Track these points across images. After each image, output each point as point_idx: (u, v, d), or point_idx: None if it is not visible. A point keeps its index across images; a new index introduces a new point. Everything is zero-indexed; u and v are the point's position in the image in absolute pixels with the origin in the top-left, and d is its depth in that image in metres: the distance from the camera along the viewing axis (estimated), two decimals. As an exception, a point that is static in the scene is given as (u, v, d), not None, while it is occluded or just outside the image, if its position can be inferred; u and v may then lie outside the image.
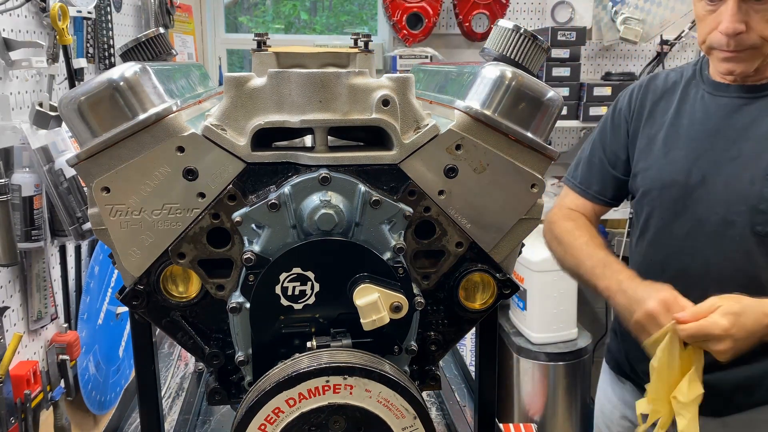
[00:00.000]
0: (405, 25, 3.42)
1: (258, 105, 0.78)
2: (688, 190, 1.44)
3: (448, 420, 1.20)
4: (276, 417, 0.72)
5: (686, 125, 1.46)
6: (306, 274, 0.78)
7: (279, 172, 0.79)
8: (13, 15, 1.69)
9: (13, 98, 1.70)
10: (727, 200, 1.39)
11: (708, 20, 1.36)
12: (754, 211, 1.36)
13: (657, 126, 1.51)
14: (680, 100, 1.50)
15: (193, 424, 1.18)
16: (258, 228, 0.78)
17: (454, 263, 0.84)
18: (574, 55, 3.29)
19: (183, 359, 1.46)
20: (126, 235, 0.79)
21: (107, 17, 2.25)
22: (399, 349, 0.82)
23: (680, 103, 1.50)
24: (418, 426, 0.74)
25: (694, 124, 1.45)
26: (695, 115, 1.46)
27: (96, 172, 0.77)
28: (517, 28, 0.90)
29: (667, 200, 1.48)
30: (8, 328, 1.66)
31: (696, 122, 1.45)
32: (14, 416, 1.57)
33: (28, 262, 1.77)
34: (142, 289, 0.82)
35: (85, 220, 1.79)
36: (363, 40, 0.89)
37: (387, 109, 0.77)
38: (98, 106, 0.76)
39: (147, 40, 0.99)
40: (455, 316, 0.88)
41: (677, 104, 1.50)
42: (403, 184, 0.80)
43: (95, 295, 2.09)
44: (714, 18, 1.34)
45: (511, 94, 0.80)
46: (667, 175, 1.47)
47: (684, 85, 1.52)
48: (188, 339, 0.85)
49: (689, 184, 1.43)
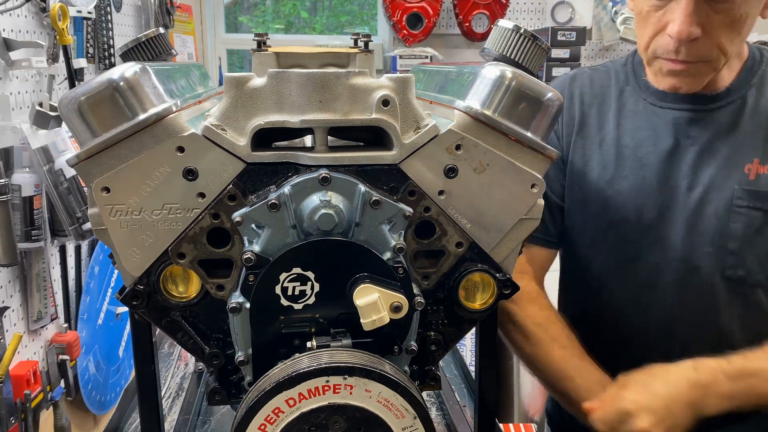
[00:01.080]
0: (405, 25, 3.43)
1: (258, 105, 0.78)
2: (641, 230, 1.17)
3: (448, 420, 1.20)
4: (276, 417, 0.72)
5: (632, 146, 1.19)
6: (306, 274, 0.78)
7: (279, 172, 0.79)
8: (13, 15, 1.70)
9: (13, 98, 1.70)
10: (690, 241, 1.14)
11: (652, 19, 1.07)
12: (722, 251, 1.12)
13: (591, 142, 1.22)
14: (617, 111, 1.22)
15: (193, 424, 1.18)
16: (258, 228, 0.78)
17: (454, 263, 0.84)
18: (574, 55, 3.29)
19: (183, 359, 1.46)
20: (126, 235, 0.79)
21: (107, 17, 2.26)
22: (399, 349, 0.82)
23: (618, 116, 1.21)
24: (418, 426, 0.74)
25: (642, 145, 1.18)
26: (640, 132, 1.18)
27: (96, 172, 0.77)
28: (517, 28, 0.90)
29: (614, 243, 1.20)
30: (8, 328, 1.66)
31: (643, 142, 1.18)
32: (14, 416, 1.57)
33: (28, 262, 1.77)
34: (142, 289, 0.82)
35: (85, 220, 1.79)
36: (363, 40, 0.89)
37: (387, 109, 0.77)
38: (98, 106, 0.76)
39: (147, 40, 0.99)
40: (455, 316, 0.88)
41: (615, 116, 1.21)
42: (403, 184, 0.80)
43: (95, 295, 2.09)
44: (661, 17, 1.06)
45: (511, 94, 0.80)
46: (614, 212, 1.19)
47: (617, 92, 1.24)
48: (188, 339, 0.85)
49: (643, 223, 1.17)
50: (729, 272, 1.13)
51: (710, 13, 1.02)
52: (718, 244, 1.12)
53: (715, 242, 1.12)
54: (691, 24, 1.01)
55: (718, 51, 1.05)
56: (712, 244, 1.13)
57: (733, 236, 1.11)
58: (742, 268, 1.12)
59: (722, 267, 1.13)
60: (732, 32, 1.04)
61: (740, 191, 1.11)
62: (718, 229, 1.12)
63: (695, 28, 1.02)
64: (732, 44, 1.06)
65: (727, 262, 1.13)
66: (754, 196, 1.11)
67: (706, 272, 1.14)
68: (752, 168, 1.12)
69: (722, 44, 1.05)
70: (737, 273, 1.12)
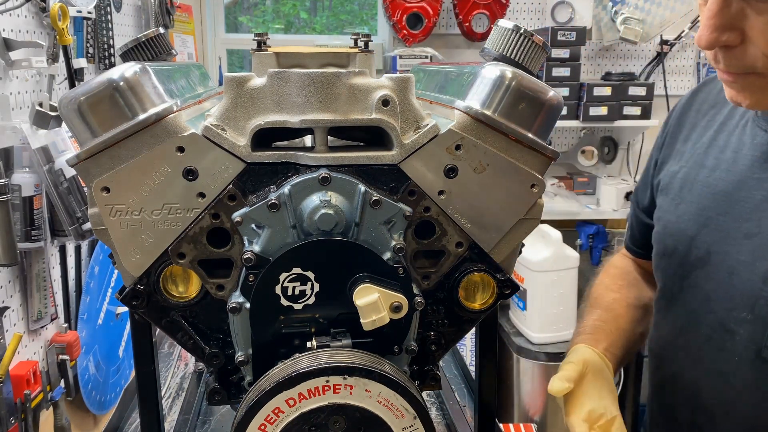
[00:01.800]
0: (405, 25, 3.43)
1: (258, 105, 0.78)
2: (686, 266, 1.01)
3: (448, 420, 1.20)
4: (276, 417, 0.72)
5: (710, 167, 1.01)
6: (306, 274, 0.78)
7: (279, 172, 0.79)
8: (13, 15, 1.69)
9: (13, 98, 1.70)
10: (729, 296, 0.95)
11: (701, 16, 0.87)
12: (762, 323, 0.90)
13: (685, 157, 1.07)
14: (723, 123, 1.03)
15: (193, 424, 1.18)
16: (258, 228, 0.78)
17: (454, 263, 0.84)
18: (574, 55, 3.29)
19: (183, 359, 1.46)
20: (126, 235, 0.79)
21: (107, 17, 2.25)
22: (399, 349, 0.82)
23: (720, 128, 1.03)
24: (418, 426, 0.74)
25: (719, 168, 0.99)
26: (726, 152, 1.00)
27: (96, 172, 0.77)
28: (517, 28, 0.90)
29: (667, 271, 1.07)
30: (8, 328, 1.66)
31: (720, 164, 0.99)
32: (14, 416, 1.57)
33: (28, 262, 1.77)
34: (142, 289, 0.82)
35: (85, 220, 1.79)
36: (363, 40, 0.88)
37: (387, 109, 0.77)
38: (98, 106, 0.76)
39: (147, 40, 0.99)
40: (455, 316, 0.88)
41: (717, 128, 1.04)
42: (403, 184, 0.80)
43: (95, 295, 2.09)
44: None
45: (511, 94, 0.80)
46: (670, 237, 1.05)
47: None
48: (188, 339, 0.85)
49: (689, 259, 1.01)
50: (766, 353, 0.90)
51: (749, 13, 0.78)
52: (760, 313, 0.90)
53: (757, 310, 0.90)
54: (715, 29, 0.80)
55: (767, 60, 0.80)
56: (752, 309, 0.91)
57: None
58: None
59: (760, 344, 0.90)
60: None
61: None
62: (763, 296, 0.90)
63: (722, 34, 0.80)
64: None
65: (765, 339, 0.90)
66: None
67: (740, 342, 0.93)
68: None
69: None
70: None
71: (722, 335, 0.96)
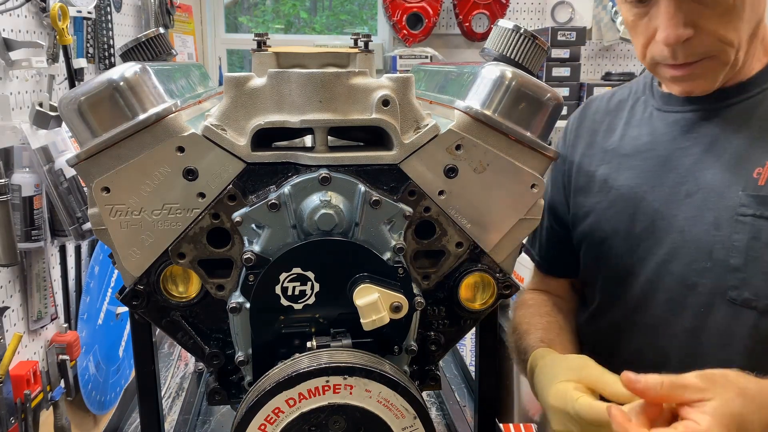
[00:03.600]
0: (405, 25, 3.43)
1: (258, 105, 0.78)
2: (632, 242, 1.06)
3: (448, 420, 1.20)
4: (276, 417, 0.72)
5: (631, 154, 1.10)
6: (306, 274, 0.78)
7: (279, 172, 0.79)
8: (13, 15, 1.70)
9: (13, 98, 1.70)
10: (686, 252, 1.00)
11: (640, 28, 0.99)
12: (723, 267, 0.97)
13: (597, 159, 1.15)
14: (626, 123, 1.14)
15: (193, 424, 1.18)
16: (258, 228, 0.78)
17: (454, 263, 0.84)
18: (574, 55, 3.29)
19: (183, 359, 1.46)
20: (126, 235, 0.79)
21: (107, 17, 2.26)
22: (399, 349, 0.82)
23: (625, 128, 1.14)
24: (418, 426, 0.74)
25: (640, 152, 1.09)
26: (640, 139, 1.10)
27: (96, 172, 0.77)
28: (517, 28, 0.90)
29: (608, 257, 1.10)
30: (8, 328, 1.66)
31: (641, 149, 1.09)
32: (14, 416, 1.57)
33: (28, 262, 1.77)
34: (142, 289, 0.82)
35: (85, 220, 1.79)
36: (363, 40, 0.88)
37: (387, 109, 0.77)
38: (98, 106, 0.76)
39: (147, 40, 0.99)
40: (455, 316, 0.88)
41: (622, 129, 1.14)
42: (403, 184, 0.80)
43: (95, 295, 2.09)
44: (648, 24, 0.97)
45: (511, 94, 0.80)
46: (607, 223, 1.10)
47: (632, 103, 1.16)
48: (188, 339, 0.85)
49: (633, 234, 1.06)
50: (733, 294, 0.96)
51: (697, 7, 0.92)
52: (719, 258, 0.97)
53: (715, 256, 0.97)
54: (678, 26, 0.92)
55: (720, 44, 0.94)
56: (710, 257, 0.98)
57: (736, 249, 0.95)
58: (748, 288, 0.95)
59: (724, 287, 0.97)
60: (730, 20, 0.93)
61: (746, 197, 0.96)
62: (719, 241, 0.97)
63: (683, 29, 0.92)
64: (736, 31, 0.94)
65: (729, 281, 0.96)
66: (762, 202, 0.95)
67: (704, 292, 0.99)
68: (763, 172, 0.97)
69: (723, 36, 0.93)
70: (743, 295, 0.95)
71: (684, 292, 1.01)
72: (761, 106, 1.01)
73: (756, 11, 0.96)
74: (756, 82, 1.02)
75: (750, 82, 1.02)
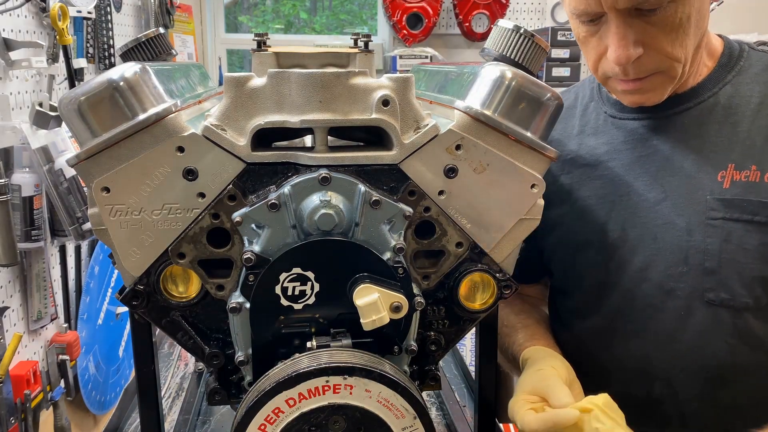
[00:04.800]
0: (405, 25, 3.43)
1: (258, 105, 0.78)
2: (606, 252, 1.07)
3: (448, 420, 1.20)
4: (276, 417, 0.72)
5: (591, 164, 1.11)
6: (306, 274, 0.78)
7: (279, 172, 0.79)
8: (13, 15, 1.70)
9: (13, 98, 1.70)
10: (661, 259, 1.03)
11: (591, 44, 1.02)
12: (699, 270, 1.00)
13: (555, 169, 1.14)
14: (580, 131, 1.16)
15: (193, 424, 1.18)
16: (258, 228, 0.78)
17: (454, 263, 0.84)
18: (574, 55, 3.29)
19: (183, 359, 1.46)
20: (126, 235, 0.79)
21: (107, 17, 2.26)
22: (399, 349, 0.82)
23: (581, 136, 1.15)
24: (418, 426, 0.74)
25: (600, 162, 1.10)
26: (599, 148, 1.11)
27: (96, 172, 0.77)
28: (517, 28, 0.90)
29: (582, 268, 1.11)
30: (8, 328, 1.66)
31: (601, 158, 1.10)
32: (14, 416, 1.57)
33: (28, 262, 1.77)
34: (142, 289, 0.82)
35: (85, 220, 1.79)
36: (363, 40, 0.89)
37: (387, 109, 0.77)
38: (98, 106, 0.76)
39: (147, 40, 0.99)
40: (455, 316, 0.88)
41: (578, 137, 1.15)
42: (403, 184, 0.80)
43: (95, 295, 2.09)
44: (599, 42, 1.00)
45: (511, 94, 0.80)
46: (577, 234, 1.11)
47: (582, 109, 1.18)
48: (188, 339, 0.85)
49: (606, 244, 1.07)
50: (710, 295, 0.99)
51: (646, 27, 0.95)
52: (695, 262, 1.00)
53: (691, 260, 1.00)
54: (628, 46, 0.95)
55: (669, 60, 0.98)
56: (686, 263, 1.00)
57: (710, 253, 0.99)
58: (725, 289, 0.99)
59: (701, 290, 1.00)
60: (677, 37, 0.96)
61: (714, 202, 0.99)
62: (693, 246, 1.00)
63: (633, 49, 0.95)
64: (683, 48, 0.97)
65: (706, 284, 0.99)
66: (729, 206, 0.98)
67: (682, 296, 1.01)
68: (726, 175, 1.00)
69: (670, 53, 0.97)
70: (720, 296, 0.99)
71: (662, 297, 1.03)
72: (715, 110, 1.04)
73: (700, 27, 0.99)
74: (706, 86, 1.06)
75: (701, 86, 1.06)
